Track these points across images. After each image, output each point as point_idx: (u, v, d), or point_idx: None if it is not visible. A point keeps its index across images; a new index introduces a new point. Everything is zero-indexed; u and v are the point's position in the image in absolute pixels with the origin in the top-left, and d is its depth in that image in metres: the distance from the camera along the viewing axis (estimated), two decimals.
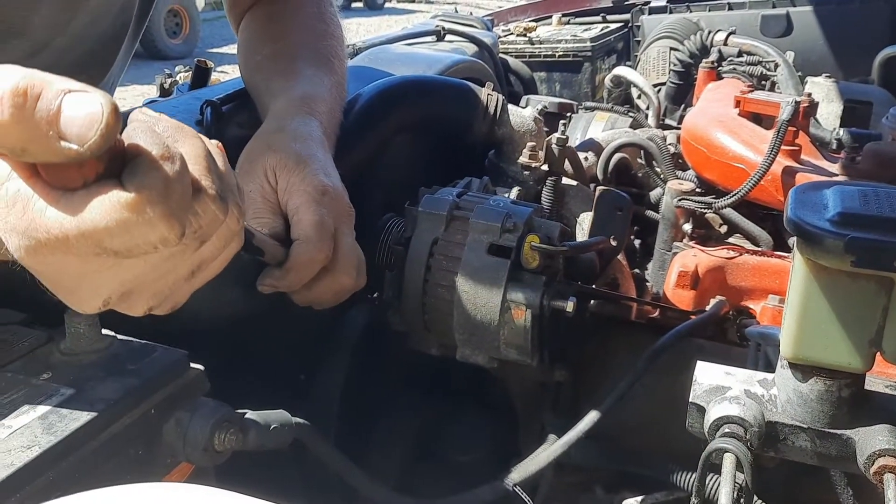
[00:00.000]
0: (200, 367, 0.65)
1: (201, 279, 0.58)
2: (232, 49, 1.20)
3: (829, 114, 1.62)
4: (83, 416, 0.56)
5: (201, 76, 1.30)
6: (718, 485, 0.64)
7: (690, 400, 0.67)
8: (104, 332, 0.65)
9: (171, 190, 0.47)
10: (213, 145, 0.56)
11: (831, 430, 0.63)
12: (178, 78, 1.64)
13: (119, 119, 0.44)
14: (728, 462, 0.61)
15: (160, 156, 0.47)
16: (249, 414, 0.67)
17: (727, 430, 0.63)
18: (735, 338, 1.17)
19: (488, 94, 1.21)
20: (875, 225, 0.55)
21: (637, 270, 1.40)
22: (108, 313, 0.65)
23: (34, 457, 0.52)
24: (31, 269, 0.51)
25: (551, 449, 0.93)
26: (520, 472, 0.93)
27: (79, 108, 0.43)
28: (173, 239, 0.48)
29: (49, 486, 0.52)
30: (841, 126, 1.56)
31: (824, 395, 0.62)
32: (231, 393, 0.69)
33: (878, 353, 0.60)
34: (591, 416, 0.91)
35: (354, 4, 17.91)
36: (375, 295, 1.01)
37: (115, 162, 0.47)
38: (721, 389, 0.67)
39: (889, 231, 0.54)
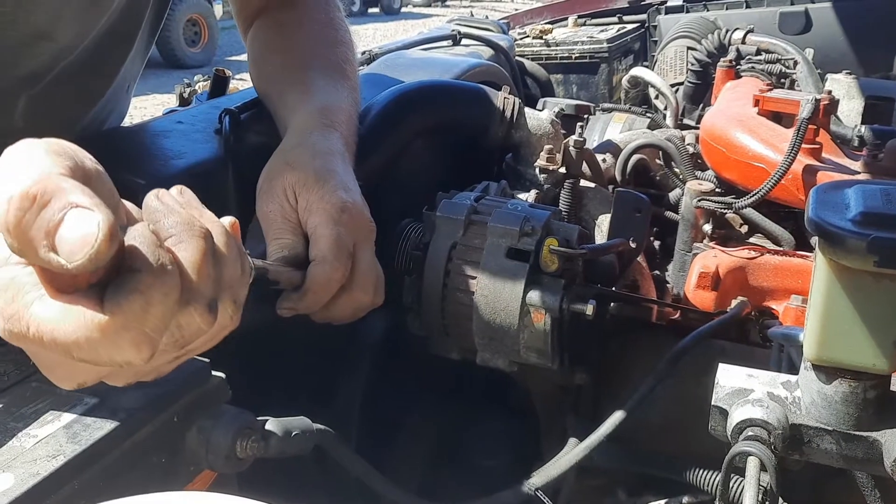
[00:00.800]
0: (222, 374, 0.66)
1: (187, 358, 0.57)
2: None
3: (851, 111, 1.60)
4: (107, 425, 0.57)
5: (220, 85, 1.31)
6: (742, 488, 0.64)
7: (713, 403, 0.67)
8: None
9: (149, 315, 0.46)
10: (227, 225, 0.55)
11: (857, 433, 0.62)
12: (196, 87, 1.65)
13: (114, 242, 0.44)
14: (752, 466, 0.61)
15: (152, 272, 0.46)
16: (270, 421, 0.67)
17: (750, 434, 0.63)
18: (757, 339, 1.16)
19: (505, 98, 1.21)
20: None
21: (657, 272, 1.39)
22: None
23: (59, 466, 0.53)
24: None
25: (573, 452, 0.92)
26: (542, 476, 0.93)
27: (76, 228, 0.43)
28: (139, 362, 0.47)
29: (74, 495, 0.53)
30: (862, 123, 1.54)
31: (849, 397, 0.62)
32: (252, 399, 0.69)
33: None
34: (613, 419, 0.90)
35: (371, 10, 17.99)
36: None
37: (109, 270, 0.46)
38: (744, 392, 0.66)
39: None
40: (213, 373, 0.66)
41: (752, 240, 1.33)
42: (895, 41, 1.94)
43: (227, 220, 0.56)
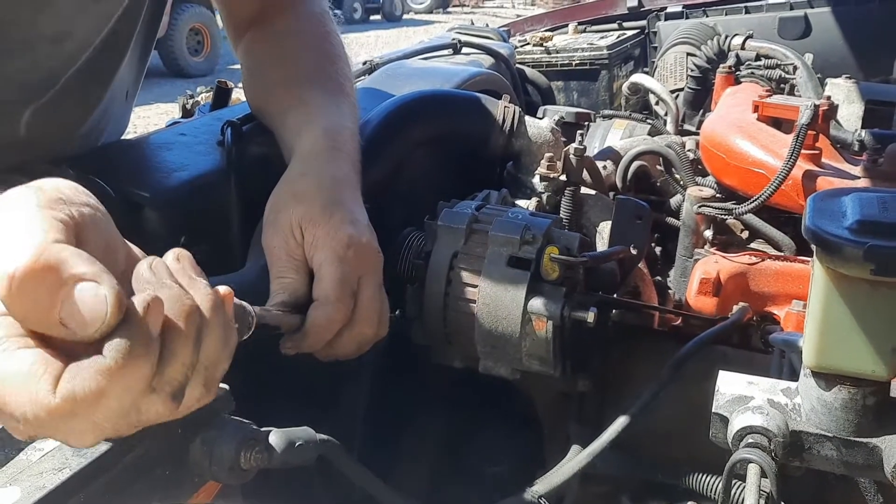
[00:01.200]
0: (225, 386, 0.66)
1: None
2: None
3: (851, 115, 1.61)
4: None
5: (222, 97, 1.31)
6: (743, 495, 0.64)
7: (713, 410, 0.67)
8: None
9: (102, 407, 0.44)
10: (217, 295, 0.53)
11: (857, 439, 0.63)
12: (199, 98, 1.67)
13: (122, 311, 0.44)
14: (752, 473, 0.61)
15: (121, 361, 0.44)
16: (274, 432, 0.68)
17: (751, 441, 0.63)
18: (759, 345, 1.16)
19: (505, 107, 1.22)
20: (894, 232, 0.55)
21: (658, 278, 1.39)
22: None
23: (65, 479, 0.53)
24: None
25: (576, 459, 0.93)
26: (545, 484, 0.93)
27: (85, 303, 0.43)
28: (81, 446, 0.47)
29: None
30: (863, 127, 1.55)
31: (849, 404, 0.62)
32: (256, 410, 0.69)
33: None
34: (616, 426, 0.91)
35: (373, 17, 18.04)
36: (397, 312, 1.02)
37: None
38: (744, 399, 0.67)
39: None
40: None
41: (752, 245, 1.34)
42: (894, 45, 1.94)
43: (223, 290, 0.54)
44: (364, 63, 1.61)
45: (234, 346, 0.56)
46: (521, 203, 1.18)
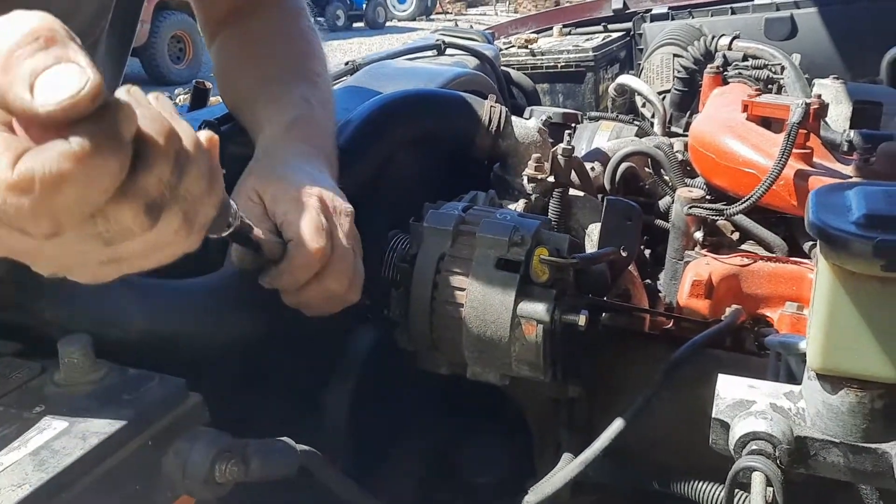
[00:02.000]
0: (199, 395, 0.63)
1: (126, 269, 0.53)
2: None
3: (839, 115, 1.59)
4: (76, 451, 0.54)
5: (200, 97, 1.28)
6: (747, 502, 0.61)
7: (713, 416, 0.64)
8: (99, 361, 0.63)
9: (61, 194, 0.43)
10: (203, 139, 0.52)
11: (865, 444, 0.60)
12: (177, 100, 1.63)
13: (94, 103, 0.42)
14: (757, 482, 0.58)
15: (89, 148, 0.42)
16: (251, 443, 0.64)
17: (754, 448, 0.60)
18: (753, 348, 1.13)
19: (491, 107, 1.19)
20: None
21: (648, 281, 1.37)
22: (102, 345, 0.63)
23: (24, 496, 0.50)
24: None
25: (568, 468, 0.90)
26: (536, 493, 0.90)
27: (64, 76, 0.42)
28: (37, 234, 0.44)
29: None
30: (851, 127, 1.53)
31: (856, 408, 0.59)
32: (237, 419, 0.66)
33: None
34: (608, 433, 0.88)
35: (356, 24, 18.03)
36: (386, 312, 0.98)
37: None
38: (745, 404, 0.64)
39: None
40: (191, 393, 0.63)
41: (743, 247, 1.31)
42: (881, 45, 1.93)
43: (204, 135, 0.53)
44: (347, 63, 1.57)
45: (220, 196, 0.54)
46: (509, 205, 1.15)
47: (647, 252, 1.46)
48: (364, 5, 18.01)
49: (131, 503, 0.56)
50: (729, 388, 0.66)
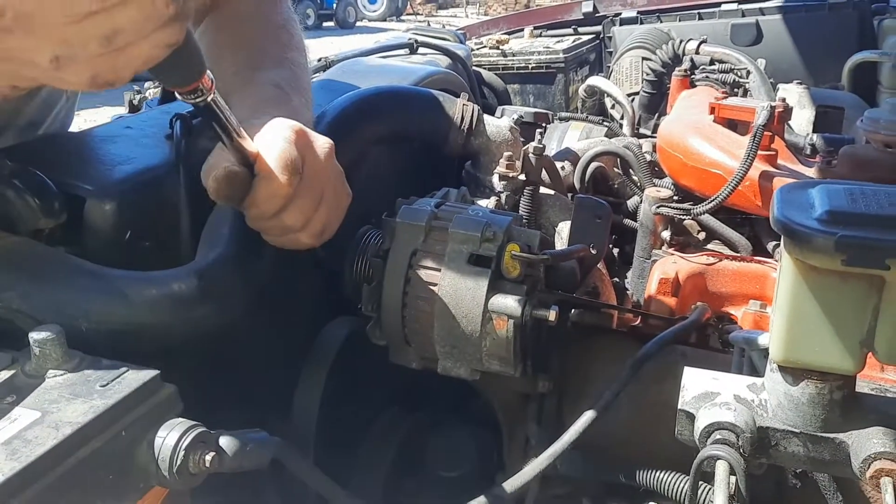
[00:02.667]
0: (173, 386, 0.63)
1: (125, 60, 0.58)
2: None
3: (802, 120, 1.63)
4: (49, 441, 0.54)
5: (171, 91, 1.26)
6: (710, 493, 0.63)
7: (679, 407, 0.66)
8: (71, 351, 0.62)
9: None
10: None
11: (824, 434, 0.62)
12: (147, 94, 1.61)
13: None
14: (721, 469, 0.60)
15: None
16: (225, 434, 0.64)
17: (719, 437, 0.62)
18: (717, 344, 1.16)
19: (464, 105, 1.20)
20: (864, 222, 0.54)
21: (616, 279, 1.39)
22: (74, 335, 0.63)
23: None
24: None
25: (537, 461, 0.91)
26: (505, 487, 0.91)
27: None
28: None
29: None
30: (814, 131, 1.57)
31: (816, 399, 0.61)
32: (209, 411, 0.66)
33: (870, 354, 0.59)
34: (576, 427, 0.89)
35: (326, 24, 17.94)
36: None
37: None
38: (710, 395, 0.66)
39: (879, 228, 0.53)
40: (164, 384, 0.63)
41: (709, 246, 1.34)
42: (843, 52, 1.98)
43: None
44: (319, 60, 1.57)
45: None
46: (481, 202, 1.16)
47: (616, 251, 1.48)
48: (334, 5, 17.93)
49: (104, 493, 0.56)
50: (694, 381, 0.68)
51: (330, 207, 0.87)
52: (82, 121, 1.18)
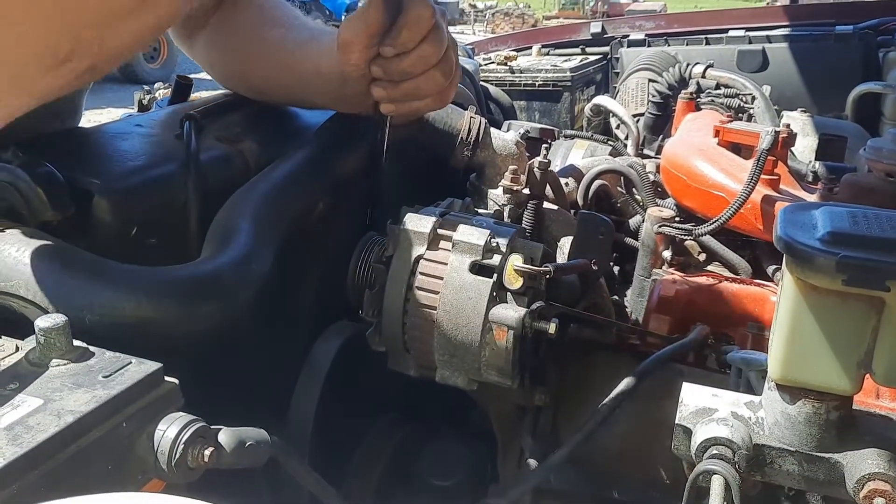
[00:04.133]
0: (175, 380, 0.63)
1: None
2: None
3: (805, 147, 1.64)
4: (51, 428, 0.54)
5: (182, 91, 1.28)
6: None
7: (677, 421, 0.66)
8: (76, 342, 0.63)
9: None
10: None
11: (819, 454, 0.62)
12: (157, 94, 1.62)
13: None
14: (717, 484, 0.60)
15: None
16: (224, 430, 0.64)
17: (715, 452, 0.62)
18: (714, 365, 1.16)
19: (471, 117, 1.21)
20: (866, 244, 0.55)
21: (616, 297, 1.39)
22: (78, 326, 0.63)
23: None
24: None
25: (531, 474, 0.91)
26: (498, 498, 0.91)
27: None
28: None
29: (13, 499, 0.50)
30: (816, 159, 1.58)
31: (812, 418, 0.62)
32: (207, 410, 0.66)
33: (868, 376, 0.59)
34: (573, 441, 0.90)
35: None
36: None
37: None
38: (708, 411, 0.66)
39: (880, 250, 0.54)
40: (166, 378, 0.63)
41: (709, 267, 1.35)
42: (848, 82, 2.00)
43: None
44: None
45: None
46: (484, 214, 1.17)
47: (616, 269, 1.48)
48: (343, 16, 18.01)
49: (103, 482, 0.57)
50: (692, 396, 0.68)
51: (454, 54, 0.96)
52: (85, 121, 1.19)
